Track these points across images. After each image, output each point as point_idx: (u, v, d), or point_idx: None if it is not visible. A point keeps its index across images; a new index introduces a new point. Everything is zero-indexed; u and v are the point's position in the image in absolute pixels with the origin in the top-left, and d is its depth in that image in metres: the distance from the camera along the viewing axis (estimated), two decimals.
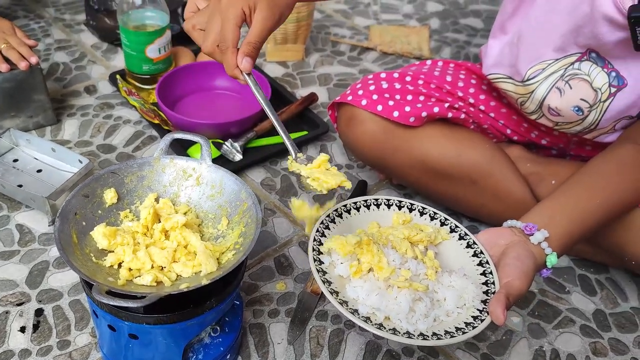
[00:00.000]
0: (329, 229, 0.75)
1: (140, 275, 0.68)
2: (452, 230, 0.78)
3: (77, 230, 0.70)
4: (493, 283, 0.70)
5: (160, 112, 1.19)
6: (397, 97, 0.98)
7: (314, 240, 0.72)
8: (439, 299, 0.69)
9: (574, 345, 0.90)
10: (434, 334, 0.64)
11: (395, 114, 0.96)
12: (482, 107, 1.04)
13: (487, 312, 0.66)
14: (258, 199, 0.93)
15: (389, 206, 0.80)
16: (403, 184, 1.13)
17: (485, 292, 0.69)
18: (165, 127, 1.18)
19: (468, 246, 0.75)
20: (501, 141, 1.09)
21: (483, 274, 0.71)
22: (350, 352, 0.85)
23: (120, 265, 0.69)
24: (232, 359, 0.81)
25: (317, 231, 0.73)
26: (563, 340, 0.91)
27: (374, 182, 1.16)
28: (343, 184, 0.70)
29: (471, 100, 1.03)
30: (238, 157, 1.14)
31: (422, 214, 0.80)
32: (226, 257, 0.71)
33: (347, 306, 0.65)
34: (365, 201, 0.79)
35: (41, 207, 0.98)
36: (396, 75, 1.02)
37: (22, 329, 0.84)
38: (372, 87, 0.99)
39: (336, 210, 0.77)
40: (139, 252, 0.69)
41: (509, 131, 1.07)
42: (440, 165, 0.97)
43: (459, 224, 0.78)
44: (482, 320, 0.65)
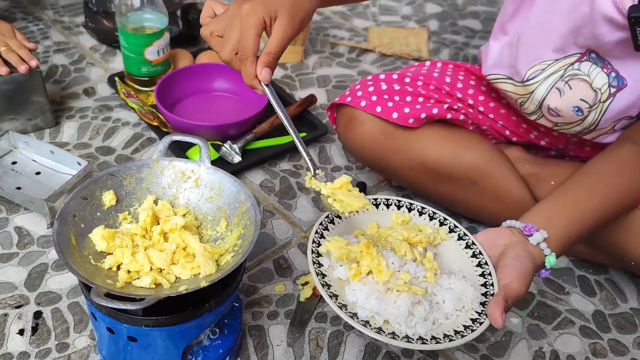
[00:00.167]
0: (327, 230, 0.74)
1: (139, 278, 0.68)
2: (451, 231, 0.78)
3: (75, 232, 0.70)
4: (492, 284, 0.70)
5: (159, 114, 1.19)
6: (396, 98, 0.98)
7: (313, 242, 0.71)
8: (438, 301, 0.69)
9: (574, 346, 0.90)
10: (432, 337, 0.64)
11: (394, 115, 0.96)
12: (481, 108, 1.04)
13: (486, 315, 0.66)
14: (257, 200, 0.93)
15: (387, 206, 0.80)
16: (402, 185, 1.13)
17: (484, 294, 0.69)
18: (164, 129, 1.17)
19: (467, 247, 0.75)
20: (500, 142, 1.09)
21: (482, 275, 0.71)
22: (349, 353, 0.85)
23: (119, 267, 0.69)
24: None
25: (316, 233, 0.73)
26: (563, 342, 0.91)
27: (373, 183, 1.16)
28: (366, 207, 0.69)
29: (470, 102, 1.03)
30: (237, 158, 1.13)
31: (421, 213, 0.80)
32: (225, 259, 0.71)
33: (346, 310, 0.65)
34: None
35: (40, 209, 0.98)
36: (395, 76, 1.02)
37: (21, 332, 0.84)
38: (371, 89, 0.99)
39: None
40: (137, 254, 0.69)
41: (508, 132, 1.07)
42: (440, 166, 0.97)
43: (458, 224, 0.78)
44: (480, 323, 0.65)
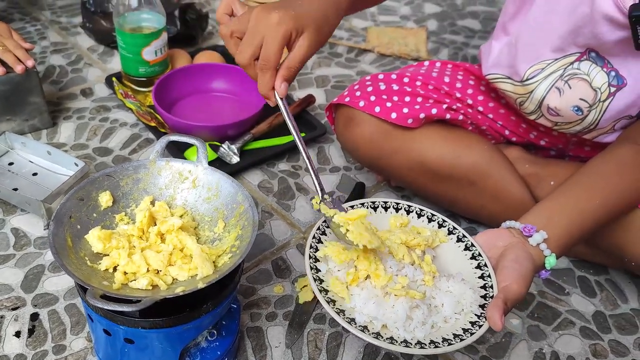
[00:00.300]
0: (325, 234, 0.74)
1: (135, 279, 0.67)
2: (450, 232, 0.77)
3: (71, 233, 0.69)
4: (491, 287, 0.69)
5: (157, 115, 1.18)
6: (395, 98, 0.97)
7: (310, 247, 0.71)
8: (437, 305, 0.68)
9: (574, 347, 0.90)
10: (431, 341, 0.63)
11: (393, 115, 0.95)
12: (480, 108, 1.04)
13: (485, 318, 0.65)
14: (255, 201, 0.92)
15: (386, 209, 0.79)
16: (401, 185, 1.12)
17: (484, 296, 0.68)
18: (162, 130, 1.17)
19: (466, 248, 0.75)
20: (500, 142, 1.09)
21: (481, 277, 0.71)
22: (348, 355, 0.85)
23: (115, 268, 0.68)
24: None
25: (314, 238, 0.72)
26: (563, 342, 0.90)
27: (372, 183, 1.16)
28: (380, 248, 0.69)
29: (469, 102, 1.03)
30: (235, 159, 1.13)
31: (419, 216, 0.79)
32: (222, 260, 0.70)
33: (344, 315, 0.64)
34: (363, 204, 0.78)
35: (37, 210, 0.97)
36: (394, 76, 1.02)
37: (17, 334, 0.83)
38: (369, 89, 0.99)
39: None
40: (134, 256, 0.69)
41: (507, 132, 1.06)
42: (439, 166, 0.97)
43: (457, 226, 0.77)
44: (480, 326, 0.65)
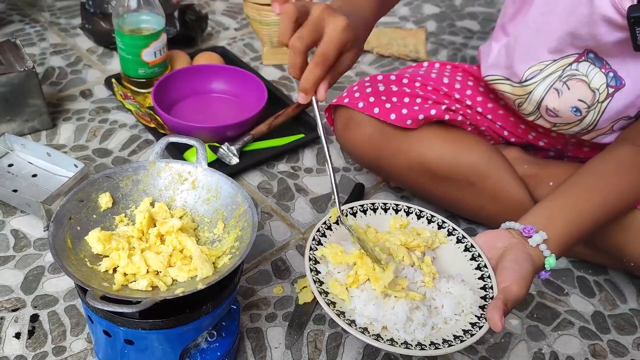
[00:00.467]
0: (325, 236, 0.74)
1: (135, 280, 0.67)
2: (449, 233, 0.77)
3: (71, 235, 0.69)
4: (491, 287, 0.69)
5: (156, 116, 1.18)
6: (394, 99, 0.97)
7: (310, 249, 0.71)
8: (437, 306, 0.68)
9: (573, 348, 0.90)
10: (431, 343, 0.63)
11: (392, 116, 0.95)
12: (479, 109, 1.04)
13: (485, 319, 0.65)
14: (255, 202, 0.93)
15: (385, 210, 0.80)
16: (400, 186, 1.12)
17: (484, 297, 0.68)
18: (161, 131, 1.17)
19: (466, 249, 0.75)
20: (498, 143, 1.09)
21: (481, 278, 0.71)
22: (348, 356, 0.85)
23: (115, 270, 0.69)
24: None
25: (314, 240, 0.72)
26: (562, 343, 0.90)
27: (371, 184, 1.16)
28: (388, 268, 0.69)
29: (468, 102, 1.03)
30: (234, 160, 1.13)
31: (419, 217, 0.79)
32: (222, 261, 0.70)
33: (344, 317, 0.64)
34: (362, 206, 0.78)
35: (36, 212, 0.98)
36: (393, 77, 1.02)
37: (17, 335, 0.83)
38: (368, 90, 0.99)
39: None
40: (134, 257, 0.69)
41: (506, 133, 1.06)
42: (438, 167, 0.97)
43: (456, 227, 0.77)
44: (480, 327, 0.65)
